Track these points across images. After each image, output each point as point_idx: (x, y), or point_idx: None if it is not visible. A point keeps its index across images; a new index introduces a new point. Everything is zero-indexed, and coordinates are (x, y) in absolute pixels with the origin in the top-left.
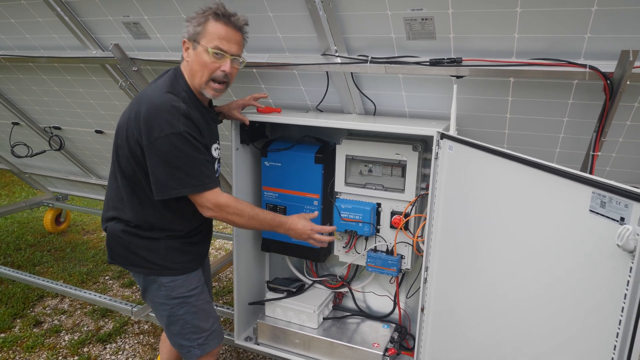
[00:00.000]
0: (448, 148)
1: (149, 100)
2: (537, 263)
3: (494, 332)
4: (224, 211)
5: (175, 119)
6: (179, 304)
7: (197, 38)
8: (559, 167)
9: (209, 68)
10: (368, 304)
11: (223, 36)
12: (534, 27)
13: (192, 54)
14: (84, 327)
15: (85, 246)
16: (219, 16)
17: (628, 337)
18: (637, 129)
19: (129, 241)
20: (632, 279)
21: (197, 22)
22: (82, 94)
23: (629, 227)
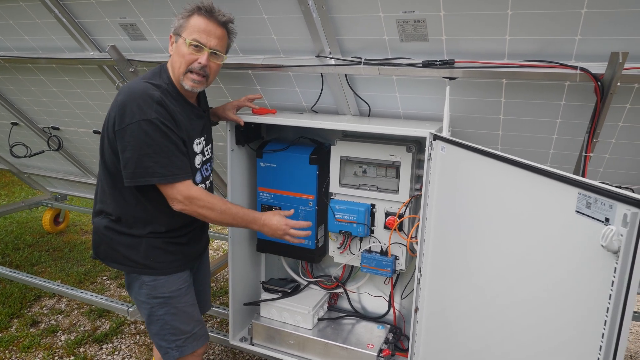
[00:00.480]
0: (440, 149)
1: (127, 88)
2: (525, 264)
3: (485, 332)
4: (194, 204)
5: (147, 105)
6: (160, 304)
7: (179, 31)
8: (545, 168)
9: (187, 59)
10: (363, 304)
11: (202, 29)
12: (525, 29)
13: (174, 47)
14: (80, 327)
15: (84, 246)
16: (201, 11)
17: (613, 337)
18: (629, 130)
19: (110, 237)
20: (617, 279)
21: (182, 17)
22: (80, 94)
23: (612, 227)
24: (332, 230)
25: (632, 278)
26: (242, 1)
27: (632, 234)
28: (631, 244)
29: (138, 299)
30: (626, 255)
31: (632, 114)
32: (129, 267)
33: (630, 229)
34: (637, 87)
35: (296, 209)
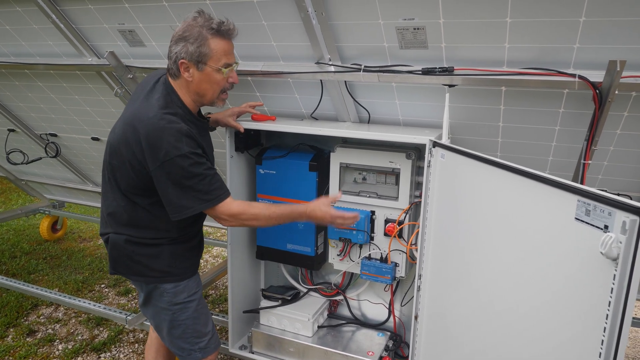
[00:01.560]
0: (440, 156)
1: (148, 122)
2: (525, 271)
3: (485, 340)
4: (239, 219)
5: (178, 141)
6: (181, 309)
7: (202, 59)
8: (545, 176)
9: (221, 84)
10: (363, 311)
11: (227, 51)
12: (524, 37)
13: (197, 75)
14: (78, 335)
15: (82, 254)
16: (216, 32)
17: (613, 343)
18: (628, 137)
19: (132, 250)
20: (616, 286)
21: (197, 43)
22: (78, 101)
23: (611, 234)
24: (332, 237)
25: (631, 285)
26: (242, 8)
27: (631, 241)
28: (630, 251)
29: (158, 307)
30: (625, 262)
31: (630, 121)
32: (151, 278)
33: (629, 236)
34: (635, 95)
35: None
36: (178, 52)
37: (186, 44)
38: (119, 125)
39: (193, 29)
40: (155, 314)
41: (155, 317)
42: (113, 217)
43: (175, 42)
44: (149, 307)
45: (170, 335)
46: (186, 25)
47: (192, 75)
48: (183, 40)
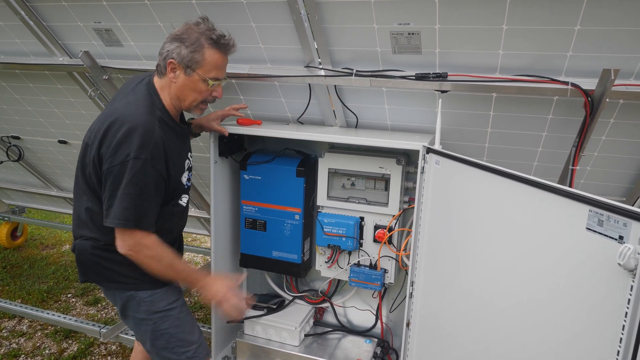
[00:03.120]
0: (434, 162)
1: (124, 120)
2: (531, 282)
3: (485, 351)
4: (142, 253)
5: (145, 144)
6: (162, 317)
7: (192, 65)
8: (554, 185)
9: (204, 95)
10: (349, 318)
11: (219, 65)
12: (518, 44)
13: (182, 78)
14: (45, 349)
15: (45, 262)
16: (215, 43)
17: (629, 353)
18: (611, 143)
19: (101, 256)
20: (633, 297)
21: (192, 48)
22: (46, 102)
23: (630, 246)
24: (320, 244)
25: None
26: (229, 8)
27: None
28: None
29: (137, 318)
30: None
31: (615, 128)
32: (125, 285)
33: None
34: (622, 102)
35: (282, 222)
36: (170, 50)
37: (181, 45)
38: (96, 123)
39: (192, 33)
40: (136, 325)
41: (136, 329)
42: (83, 221)
43: (170, 40)
44: (128, 319)
45: (154, 346)
46: (187, 27)
47: (177, 77)
48: (179, 41)
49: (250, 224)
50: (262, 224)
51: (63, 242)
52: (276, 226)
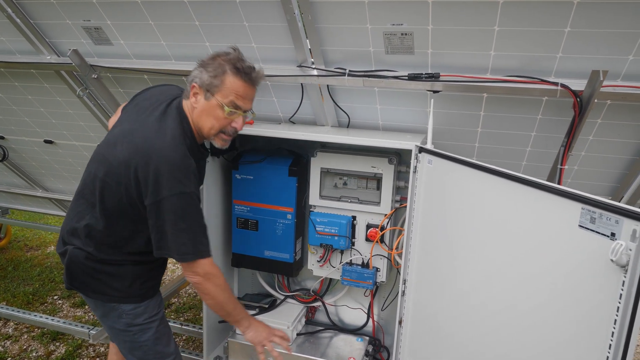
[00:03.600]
0: (427, 162)
1: (161, 154)
2: (525, 278)
3: (478, 348)
4: (211, 281)
5: (186, 178)
6: (141, 330)
7: (212, 89)
8: (547, 184)
9: (221, 123)
10: (340, 317)
11: (240, 93)
12: (509, 45)
13: (202, 102)
14: (32, 352)
15: (29, 264)
16: (239, 71)
17: (620, 348)
18: (599, 143)
19: (93, 267)
20: (625, 292)
21: (213, 72)
22: (32, 101)
23: (622, 242)
24: (312, 244)
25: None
26: (223, 7)
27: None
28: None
29: (116, 328)
30: (634, 269)
31: (602, 128)
32: (109, 297)
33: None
34: (609, 103)
35: (274, 222)
36: (194, 75)
37: (204, 70)
38: (122, 143)
39: (217, 59)
40: (114, 334)
41: (114, 337)
42: (79, 234)
43: (197, 66)
44: (106, 327)
45: (132, 355)
46: (214, 54)
47: (198, 102)
48: (203, 66)
49: (242, 223)
50: (254, 223)
51: (48, 243)
52: (268, 226)
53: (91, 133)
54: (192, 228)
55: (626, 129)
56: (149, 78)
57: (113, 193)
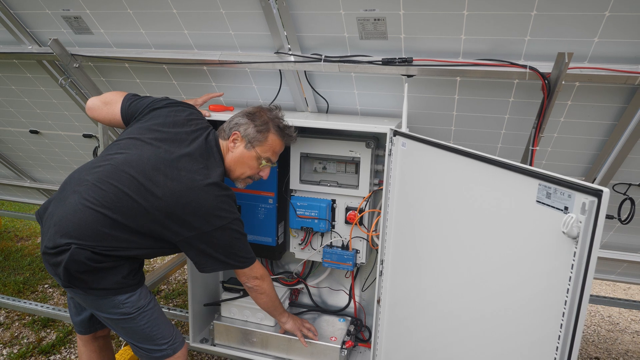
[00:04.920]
0: (401, 145)
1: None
2: (487, 252)
3: (446, 320)
4: (266, 280)
5: (232, 207)
6: (139, 314)
7: (254, 142)
8: (507, 162)
9: (253, 171)
10: (323, 298)
11: (276, 150)
12: (479, 29)
13: (241, 150)
14: (24, 339)
15: (20, 254)
16: (280, 131)
17: (573, 316)
18: (570, 125)
19: (94, 266)
20: (576, 262)
21: (259, 128)
22: (15, 91)
23: (572, 215)
24: (293, 227)
25: (590, 260)
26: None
27: (589, 220)
28: (589, 230)
29: (112, 319)
30: (584, 240)
31: (572, 110)
32: (106, 291)
33: (588, 216)
34: (578, 85)
35: (256, 206)
36: (239, 124)
37: (251, 123)
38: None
39: (264, 115)
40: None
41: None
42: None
43: (242, 115)
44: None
45: (132, 339)
46: (260, 109)
47: (236, 148)
48: (250, 118)
49: None
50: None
51: (38, 233)
52: (251, 210)
53: (76, 122)
54: (243, 244)
55: (595, 111)
56: (130, 67)
57: (142, 216)
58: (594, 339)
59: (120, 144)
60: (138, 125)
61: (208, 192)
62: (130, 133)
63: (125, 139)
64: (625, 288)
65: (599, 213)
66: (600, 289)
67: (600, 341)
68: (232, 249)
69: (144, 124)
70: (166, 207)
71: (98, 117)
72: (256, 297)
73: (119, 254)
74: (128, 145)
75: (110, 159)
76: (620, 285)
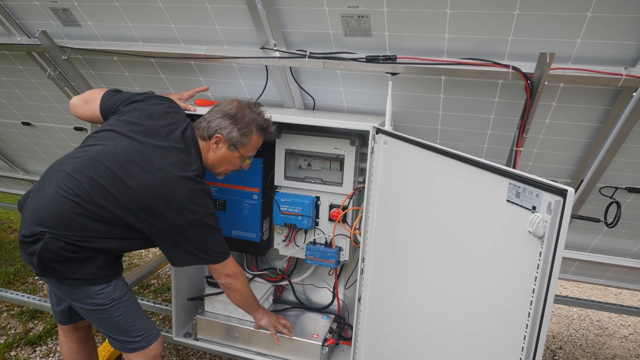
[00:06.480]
0: (383, 142)
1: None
2: (459, 250)
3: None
4: (239, 279)
5: (205, 201)
6: (113, 305)
7: (238, 145)
8: (479, 160)
9: (236, 167)
10: (308, 296)
11: (258, 146)
12: (462, 28)
13: (223, 152)
14: (11, 329)
15: (12, 245)
16: (263, 131)
17: (538, 315)
18: (555, 126)
19: (67, 256)
20: (542, 262)
21: (243, 131)
22: (7, 83)
23: (538, 214)
24: (277, 223)
25: (555, 260)
26: None
27: (555, 220)
28: (554, 230)
29: (87, 309)
30: (550, 240)
31: (557, 111)
32: (80, 281)
33: (554, 216)
34: (562, 86)
35: (241, 202)
36: (222, 127)
37: (233, 127)
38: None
39: (245, 116)
40: (85, 314)
41: (86, 316)
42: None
43: (222, 116)
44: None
45: (107, 330)
46: (240, 109)
47: (219, 150)
48: (232, 121)
49: None
50: (221, 203)
51: None
52: (235, 206)
53: (67, 115)
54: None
55: (580, 112)
56: (119, 60)
57: (116, 207)
58: (582, 343)
59: (98, 135)
60: (116, 118)
61: (182, 185)
62: (108, 125)
63: (102, 131)
64: (616, 293)
65: (564, 213)
66: (591, 293)
67: (588, 345)
68: (205, 243)
69: (121, 116)
70: (140, 199)
71: (80, 115)
72: (229, 294)
73: (94, 246)
74: (105, 137)
75: (87, 150)
76: (612, 290)
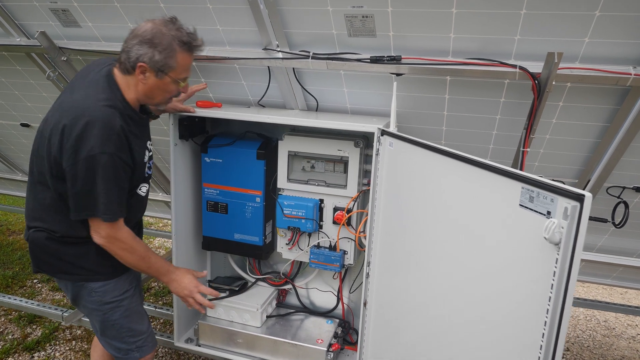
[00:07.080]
0: (388, 144)
1: (84, 114)
2: (470, 256)
3: (433, 324)
4: (116, 245)
5: (107, 137)
6: (112, 308)
7: (165, 69)
8: (490, 163)
9: (173, 93)
10: (312, 300)
11: (189, 65)
12: (468, 27)
13: (153, 80)
14: (8, 335)
15: (11, 247)
16: (188, 46)
17: (555, 324)
18: (562, 126)
19: (56, 248)
20: (558, 269)
21: (165, 53)
22: (5, 84)
23: (554, 220)
24: (280, 226)
25: (572, 268)
26: None
27: (572, 226)
28: (571, 236)
29: (88, 307)
30: (567, 247)
31: (564, 111)
32: (77, 276)
33: (571, 222)
34: (570, 86)
35: (243, 205)
36: (141, 54)
37: (153, 51)
38: (53, 114)
39: (164, 37)
40: (87, 313)
41: (88, 317)
42: (37, 211)
43: (139, 42)
44: (80, 307)
45: (104, 335)
46: (156, 29)
47: (147, 79)
48: (150, 45)
49: (211, 206)
50: (223, 206)
51: None
52: (238, 209)
53: None
54: (106, 190)
55: (587, 112)
56: None
57: (54, 164)
58: (589, 344)
59: None
60: None
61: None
62: None
63: None
64: (622, 292)
65: (581, 218)
66: (596, 293)
67: (596, 346)
68: (90, 187)
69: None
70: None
71: None
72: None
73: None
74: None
75: None
76: (617, 290)
